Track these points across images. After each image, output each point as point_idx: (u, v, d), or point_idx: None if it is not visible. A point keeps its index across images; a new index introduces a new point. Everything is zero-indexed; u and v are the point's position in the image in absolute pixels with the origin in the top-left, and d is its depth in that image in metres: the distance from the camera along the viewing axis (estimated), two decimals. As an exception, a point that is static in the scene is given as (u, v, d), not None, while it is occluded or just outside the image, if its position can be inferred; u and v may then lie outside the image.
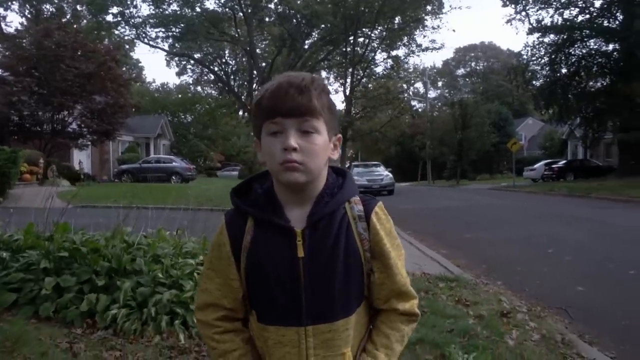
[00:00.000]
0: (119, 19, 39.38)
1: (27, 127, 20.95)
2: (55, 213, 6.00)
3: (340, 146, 1.25)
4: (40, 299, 3.82)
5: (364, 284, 1.22)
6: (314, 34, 38.92)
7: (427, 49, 36.36)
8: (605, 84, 31.37)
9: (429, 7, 35.61)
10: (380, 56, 39.06)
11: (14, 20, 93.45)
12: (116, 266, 4.05)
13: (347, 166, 32.09)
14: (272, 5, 37.36)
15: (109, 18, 39.47)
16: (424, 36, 36.59)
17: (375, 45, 38.71)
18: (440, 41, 79.43)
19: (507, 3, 31.78)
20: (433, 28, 37.73)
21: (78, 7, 48.49)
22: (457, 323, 3.75)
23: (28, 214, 5.69)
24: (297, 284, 1.16)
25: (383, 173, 24.79)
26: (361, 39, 38.13)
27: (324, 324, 1.16)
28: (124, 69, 27.06)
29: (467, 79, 74.62)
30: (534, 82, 33.93)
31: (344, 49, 36.44)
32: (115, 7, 38.25)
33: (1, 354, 2.88)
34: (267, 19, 39.57)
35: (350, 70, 34.49)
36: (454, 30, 78.85)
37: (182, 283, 3.87)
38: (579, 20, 30.66)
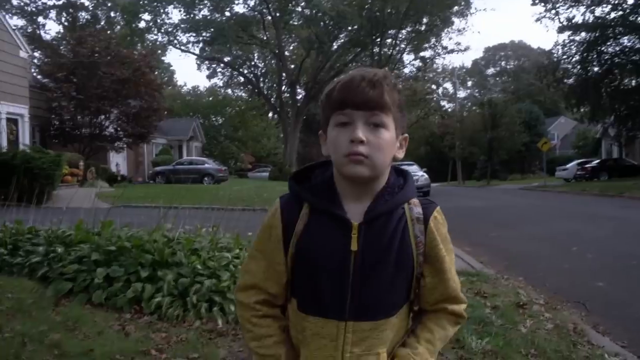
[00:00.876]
0: (151, 25, 40.51)
1: (67, 131, 21.82)
2: (98, 212, 6.49)
3: (406, 146, 1.25)
4: (92, 287, 4.22)
5: (411, 286, 1.21)
6: (341, 35, 39.18)
7: (452, 51, 36.25)
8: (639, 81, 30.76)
9: (455, 8, 35.50)
10: (407, 57, 39.03)
11: (52, 28, 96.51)
12: (159, 259, 4.43)
13: None
14: (299, 8, 37.83)
15: (142, 24, 40.67)
16: (450, 38, 36.64)
17: (403, 47, 38.76)
18: (465, 43, 78.77)
19: (537, 2, 31.42)
20: (458, 30, 37.58)
21: (112, 14, 50.12)
22: (474, 312, 3.99)
23: (72, 213, 6.18)
24: (346, 277, 1.14)
25: (418, 173, 22.68)
26: (388, 40, 38.26)
27: (365, 322, 1.15)
28: (156, 73, 27.81)
29: (498, 78, 73.73)
30: (565, 80, 33.47)
31: (371, 50, 36.57)
32: (147, 14, 39.33)
33: (65, 332, 3.26)
34: (294, 22, 40.06)
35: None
36: (479, 32, 78.43)
37: (219, 274, 4.23)
38: (611, 17, 30.13)
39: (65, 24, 50.30)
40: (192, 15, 38.64)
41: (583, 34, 31.14)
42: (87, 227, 5.29)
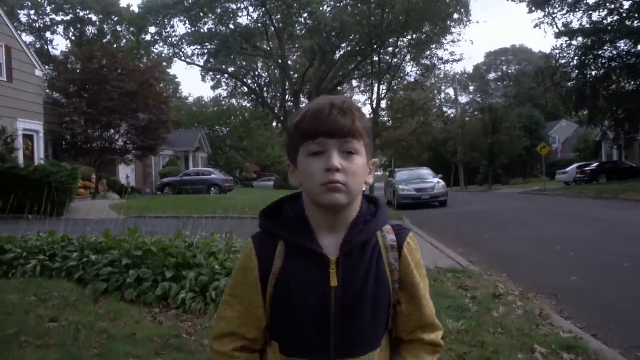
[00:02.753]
0: (157, 38, 41.48)
1: (79, 145, 22.61)
2: (115, 222, 7.21)
3: (374, 171, 1.24)
4: (125, 286, 4.88)
5: (389, 315, 1.20)
6: (343, 45, 39.97)
7: (447, 61, 37.00)
8: (636, 85, 31.31)
9: (456, 15, 36.17)
10: (408, 66, 39.72)
11: (59, 44, 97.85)
12: (181, 261, 5.10)
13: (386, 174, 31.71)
14: (302, 19, 38.68)
15: (148, 37, 41.65)
16: (445, 49, 37.29)
17: (404, 54, 39.47)
18: (460, 52, 79.86)
19: (534, 9, 32.12)
20: (452, 41, 38.32)
21: (118, 28, 51.22)
22: (454, 302, 4.63)
23: (93, 223, 6.88)
24: (328, 314, 1.12)
25: (434, 180, 20.65)
26: (390, 49, 39.00)
27: (351, 359, 1.14)
28: (161, 85, 28.68)
29: (499, 83, 74.37)
30: (563, 84, 34.04)
31: (372, 59, 37.31)
32: (153, 27, 40.29)
33: (109, 321, 3.93)
34: (298, 33, 40.92)
35: (378, 81, 35.21)
36: (472, 42, 79.62)
37: (234, 273, 4.88)
38: (608, 22, 30.74)
39: (73, 38, 51.48)
40: (197, 28, 39.55)
41: (580, 38, 31.78)
42: (113, 235, 5.97)
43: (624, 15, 30.52)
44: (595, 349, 3.60)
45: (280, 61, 40.94)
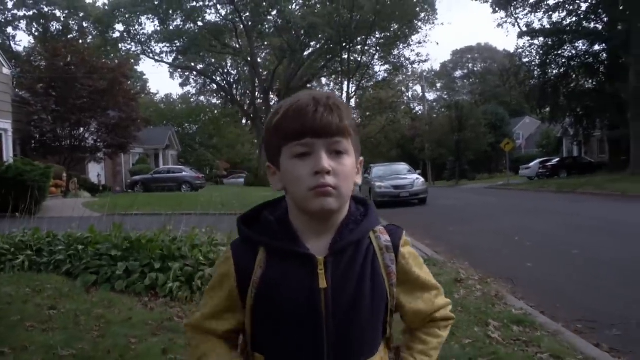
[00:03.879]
0: (125, 35, 41.09)
1: (48, 144, 22.40)
2: (89, 220, 7.48)
3: (361, 169, 1.15)
4: (114, 278, 5.19)
5: (386, 321, 1.13)
6: (312, 43, 40.39)
7: (413, 62, 37.86)
8: (594, 83, 32.67)
9: (423, 14, 36.98)
10: (377, 65, 40.42)
11: (23, 40, 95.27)
12: (167, 253, 5.44)
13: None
14: (270, 17, 38.92)
15: (115, 35, 41.22)
16: (412, 50, 38.06)
17: (372, 53, 40.12)
18: (425, 53, 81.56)
19: (497, 10, 33.11)
20: (419, 43, 39.31)
21: (84, 24, 50.37)
22: (420, 286, 5.09)
23: (66, 222, 7.15)
24: (319, 319, 1.04)
25: (412, 176, 19.15)
26: (359, 47, 39.60)
27: None
28: (129, 82, 28.57)
29: (466, 81, 75.92)
30: (526, 82, 35.19)
31: (341, 58, 37.84)
32: (120, 25, 39.90)
33: (104, 308, 4.25)
34: (266, 31, 41.14)
35: (347, 79, 35.78)
36: (437, 44, 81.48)
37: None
38: (567, 23, 31.96)
39: (36, 34, 50.38)
40: (165, 26, 39.36)
41: (541, 38, 32.95)
42: (98, 231, 6.24)
43: (582, 16, 31.78)
44: (541, 322, 4.11)
45: (249, 59, 41.11)
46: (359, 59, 37.86)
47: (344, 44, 35.95)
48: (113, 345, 3.39)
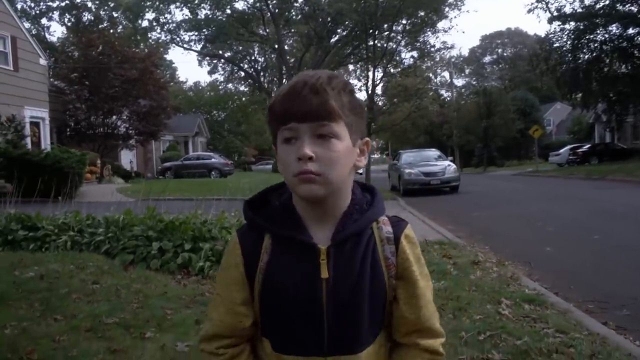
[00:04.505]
0: (155, 24, 41.77)
1: (82, 132, 23.17)
2: (125, 205, 7.88)
3: (369, 151, 1.13)
4: (149, 257, 5.55)
5: (384, 312, 1.13)
6: (338, 30, 40.36)
7: (439, 49, 37.42)
8: (628, 68, 31.90)
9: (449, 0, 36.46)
10: (403, 52, 40.11)
11: (57, 30, 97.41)
12: (198, 234, 5.77)
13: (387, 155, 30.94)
14: (297, 4, 39.01)
15: (145, 24, 41.93)
16: (437, 37, 37.35)
17: (399, 39, 39.85)
18: (452, 40, 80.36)
19: (527, -7, 32.52)
20: (444, 31, 38.81)
21: (114, 14, 51.31)
22: (438, 267, 5.32)
23: (102, 206, 7.58)
24: (319, 308, 1.06)
25: (444, 163, 18.35)
26: (385, 34, 39.39)
27: (347, 356, 1.08)
28: (159, 71, 29.23)
29: (495, 66, 74.71)
30: (557, 68, 34.58)
31: (367, 45, 37.72)
32: (150, 13, 40.55)
33: (141, 284, 4.60)
34: (293, 18, 41.25)
35: (373, 66, 35.70)
36: (463, 32, 79.86)
37: (245, 244, 5.56)
38: (600, 6, 31.23)
39: (69, 25, 51.60)
40: (194, 15, 39.84)
41: (573, 23, 32.29)
42: (134, 214, 6.63)
43: (615, -1, 31.00)
44: (552, 302, 4.30)
45: (276, 46, 41.32)
46: (385, 46, 37.66)
47: (370, 31, 35.79)
48: (151, 315, 3.73)
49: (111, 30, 43.22)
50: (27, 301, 3.87)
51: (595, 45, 32.24)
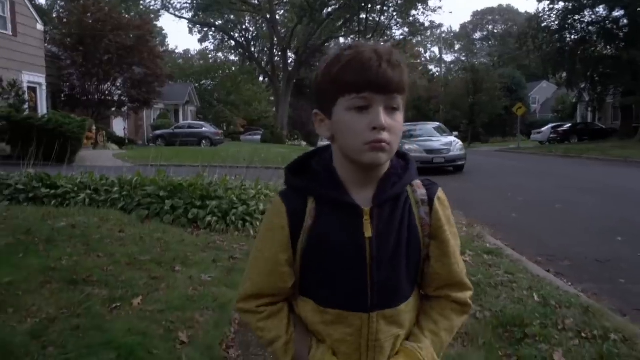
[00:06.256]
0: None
1: (77, 98, 23.52)
2: (120, 169, 8.57)
3: None
4: (162, 213, 6.30)
5: (419, 269, 1.19)
6: (331, 2, 40.52)
7: (427, 28, 37.90)
8: (612, 50, 32.68)
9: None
10: (395, 26, 40.51)
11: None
12: (205, 194, 6.53)
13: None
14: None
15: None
16: (426, 16, 37.74)
17: (392, 13, 40.19)
18: (438, 21, 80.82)
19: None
20: (433, 11, 39.28)
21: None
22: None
23: (104, 170, 8.25)
24: (364, 265, 1.11)
25: (449, 139, 15.98)
26: (377, 7, 39.68)
27: (389, 309, 1.14)
28: (154, 39, 29.46)
29: (485, 43, 75.19)
30: (544, 47, 35.23)
31: (360, 17, 38.02)
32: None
33: (160, 233, 5.36)
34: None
35: (365, 39, 36.05)
36: (450, 12, 79.70)
37: (248, 202, 6.33)
38: (587, -13, 31.77)
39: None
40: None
41: (561, 3, 32.87)
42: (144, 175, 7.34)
43: (604, -21, 31.55)
44: (508, 254, 5.15)
45: (268, 16, 41.44)
46: (377, 19, 38.02)
47: (363, 3, 36.10)
48: (175, 255, 4.50)
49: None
50: (69, 243, 4.62)
51: (582, 26, 32.90)
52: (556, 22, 33.24)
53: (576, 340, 3.00)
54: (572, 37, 33.31)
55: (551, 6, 33.38)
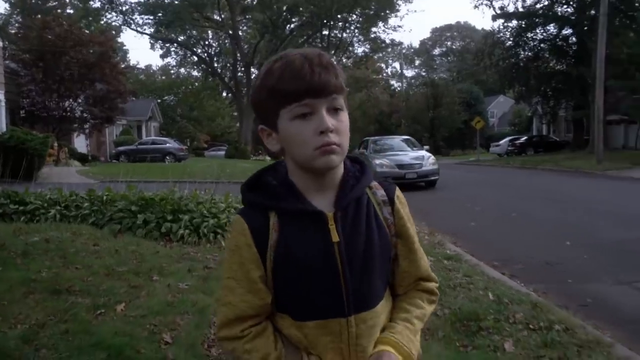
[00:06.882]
0: (107, 5, 41.26)
1: (37, 114, 23.10)
2: (85, 186, 8.61)
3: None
4: (134, 227, 6.43)
5: (390, 269, 1.20)
6: (294, 19, 41.17)
7: (388, 45, 38.95)
8: (563, 66, 34.29)
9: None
10: (356, 43, 41.40)
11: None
12: (177, 208, 6.69)
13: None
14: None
15: (97, 5, 41.38)
16: (388, 34, 39.07)
17: (353, 30, 41.09)
18: (401, 35, 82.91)
19: (473, -10, 34.24)
20: (394, 29, 40.53)
21: (63, -7, 49.96)
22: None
23: (69, 187, 8.29)
24: (335, 271, 1.11)
25: (419, 153, 15.40)
26: (340, 24, 40.54)
27: (365, 312, 1.14)
28: (116, 56, 29.26)
29: (444, 58, 77.26)
30: (500, 63, 36.66)
31: (322, 34, 38.72)
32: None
33: (134, 246, 5.51)
34: (249, 3, 41.67)
35: (330, 54, 36.83)
36: (410, 30, 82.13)
37: (219, 215, 6.53)
38: (539, 6, 33.34)
39: (12, 1, 49.88)
40: (148, -1, 39.62)
41: (515, 21, 34.36)
42: (114, 192, 7.45)
43: (554, 0, 33.18)
44: (467, 259, 5.52)
45: (231, 32, 41.70)
46: (340, 36, 38.82)
47: (325, 21, 36.84)
48: (152, 266, 4.67)
49: (59, 10, 42.35)
50: (46, 256, 4.73)
51: (535, 43, 34.46)
52: (510, 39, 34.71)
53: (525, 332, 3.34)
54: (526, 53, 34.85)
55: (506, 24, 34.91)
